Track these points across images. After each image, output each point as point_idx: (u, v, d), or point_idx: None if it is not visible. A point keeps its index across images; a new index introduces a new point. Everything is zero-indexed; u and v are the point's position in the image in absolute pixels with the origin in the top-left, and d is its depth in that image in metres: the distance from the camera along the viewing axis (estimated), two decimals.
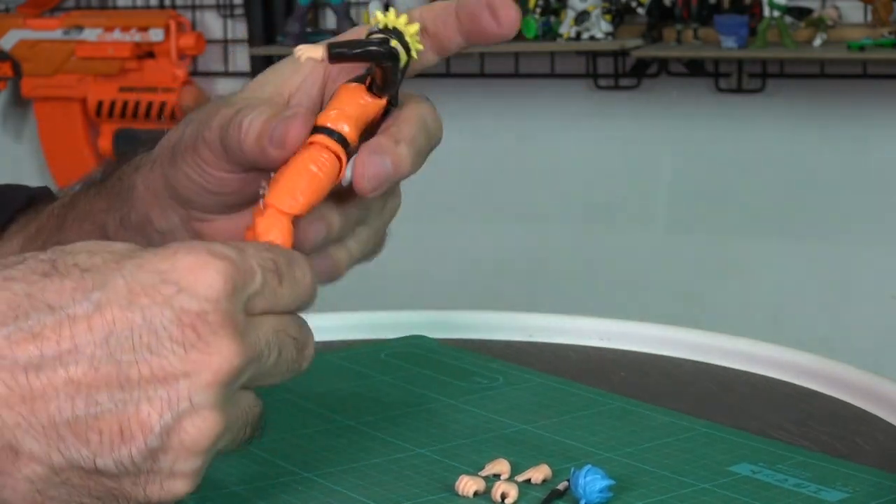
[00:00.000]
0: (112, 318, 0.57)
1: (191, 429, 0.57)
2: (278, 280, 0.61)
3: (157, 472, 0.57)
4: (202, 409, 0.57)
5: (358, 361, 0.87)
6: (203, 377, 0.57)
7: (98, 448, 0.56)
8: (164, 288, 0.58)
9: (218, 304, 0.58)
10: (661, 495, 0.64)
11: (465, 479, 0.65)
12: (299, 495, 0.65)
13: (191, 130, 0.73)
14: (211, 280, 0.58)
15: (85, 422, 0.56)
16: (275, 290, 0.61)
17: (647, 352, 0.90)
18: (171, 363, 0.57)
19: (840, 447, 0.72)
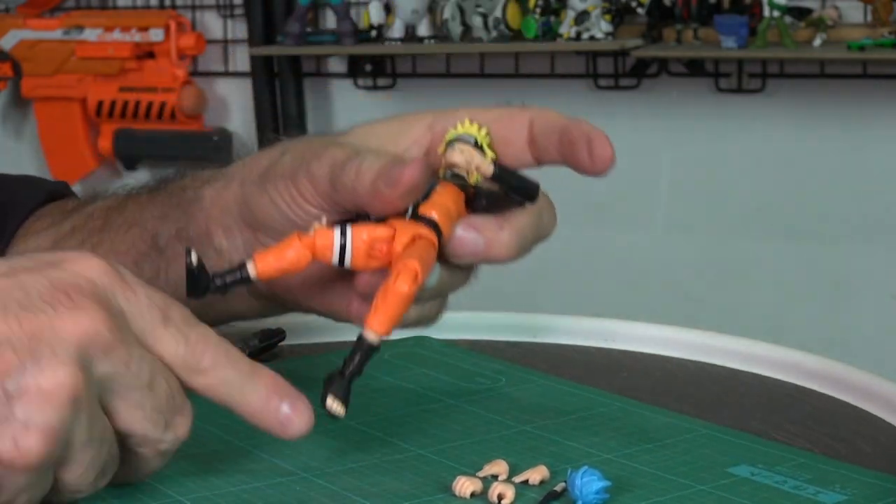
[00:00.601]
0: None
1: (49, 376, 0.57)
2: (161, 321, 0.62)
3: (11, 420, 0.57)
4: (63, 362, 0.57)
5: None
6: (68, 330, 0.58)
7: None
8: (44, 266, 0.60)
9: (93, 283, 0.60)
10: (659, 497, 0.64)
11: (461, 480, 0.65)
12: (299, 495, 0.65)
13: (290, 160, 0.73)
14: (94, 266, 0.60)
15: None
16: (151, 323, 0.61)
17: (649, 352, 0.90)
18: (38, 318, 0.58)
19: (840, 448, 0.72)
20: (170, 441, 0.63)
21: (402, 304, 0.65)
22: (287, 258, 0.67)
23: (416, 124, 0.75)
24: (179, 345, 0.62)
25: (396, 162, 0.68)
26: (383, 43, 2.63)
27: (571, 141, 0.72)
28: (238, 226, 0.75)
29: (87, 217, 0.84)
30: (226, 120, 2.99)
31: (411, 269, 0.65)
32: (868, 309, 2.48)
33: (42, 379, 0.57)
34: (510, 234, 0.70)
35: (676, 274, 2.61)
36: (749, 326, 2.45)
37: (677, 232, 2.61)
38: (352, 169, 0.69)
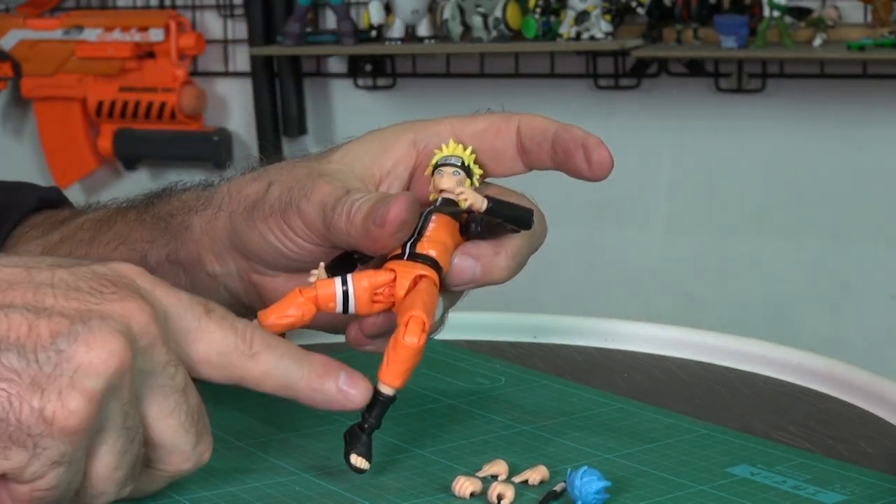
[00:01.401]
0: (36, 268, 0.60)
1: (100, 341, 0.57)
2: None
3: (58, 377, 0.57)
4: (112, 330, 0.57)
5: (359, 362, 0.87)
6: (116, 309, 0.58)
7: (4, 337, 0.57)
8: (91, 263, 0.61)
9: (135, 282, 0.61)
10: (658, 497, 0.64)
11: (461, 480, 0.65)
12: (298, 495, 0.65)
13: (278, 195, 0.73)
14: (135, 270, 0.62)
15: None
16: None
17: (649, 352, 0.90)
18: (85, 298, 0.59)
19: (841, 448, 0.72)
20: (194, 461, 0.62)
21: (414, 357, 0.66)
22: (292, 315, 0.67)
23: (398, 142, 0.75)
24: (228, 333, 0.62)
25: (384, 200, 0.68)
26: (383, 43, 2.63)
27: (566, 150, 0.72)
28: (230, 254, 0.76)
29: (77, 228, 0.84)
30: (226, 120, 2.99)
31: (418, 322, 0.65)
32: (868, 309, 2.48)
33: (93, 342, 0.57)
34: (506, 258, 0.70)
35: (676, 274, 2.61)
36: (749, 326, 2.45)
37: (677, 232, 2.61)
38: (343, 212, 0.69)
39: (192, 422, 0.61)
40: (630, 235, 2.65)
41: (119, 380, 0.57)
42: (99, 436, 0.58)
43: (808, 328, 2.50)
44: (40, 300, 0.58)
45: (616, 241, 2.66)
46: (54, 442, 0.57)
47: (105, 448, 0.59)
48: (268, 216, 0.73)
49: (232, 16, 2.94)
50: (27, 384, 0.56)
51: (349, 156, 0.75)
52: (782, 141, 2.50)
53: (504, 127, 0.74)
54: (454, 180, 0.70)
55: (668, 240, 2.62)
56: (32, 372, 0.56)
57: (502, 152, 0.74)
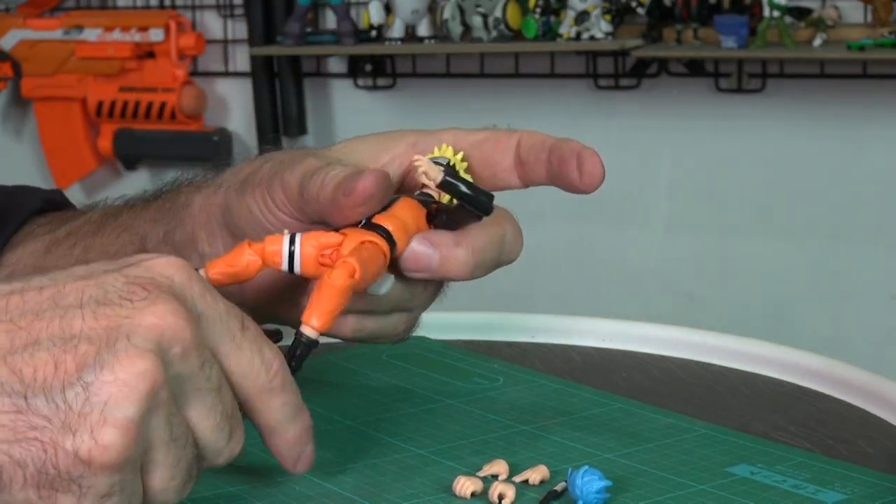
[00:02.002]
0: (64, 286, 0.58)
1: (127, 366, 0.55)
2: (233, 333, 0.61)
3: (89, 414, 0.55)
4: (141, 351, 0.56)
5: (358, 362, 0.87)
6: (145, 320, 0.57)
7: (31, 382, 0.55)
8: (124, 266, 0.59)
9: (171, 280, 0.59)
10: (659, 496, 0.64)
11: (462, 480, 0.65)
12: (298, 495, 0.66)
13: (269, 167, 0.74)
14: (174, 265, 0.59)
15: (21, 357, 0.56)
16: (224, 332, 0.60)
17: (648, 352, 0.90)
18: (115, 311, 0.57)
19: (841, 448, 0.72)
20: (227, 456, 0.61)
21: (337, 298, 0.65)
22: (237, 264, 0.67)
23: (400, 142, 0.75)
24: (255, 359, 0.61)
25: (357, 172, 0.68)
26: (383, 43, 2.63)
27: (561, 158, 0.72)
28: (220, 231, 0.76)
29: (84, 222, 0.84)
30: (226, 120, 2.99)
31: (347, 266, 0.65)
32: (868, 309, 2.48)
33: (119, 369, 0.56)
34: (466, 252, 0.69)
35: (676, 274, 2.61)
36: (749, 326, 2.45)
37: (677, 232, 2.61)
38: (318, 179, 0.70)
39: (226, 419, 0.60)
40: (630, 235, 2.65)
41: (152, 400, 0.56)
42: (148, 454, 0.57)
43: (808, 328, 2.50)
44: (67, 327, 0.57)
45: (616, 240, 2.66)
46: (97, 479, 0.56)
47: (157, 463, 0.58)
48: (255, 188, 0.73)
49: (232, 16, 2.94)
50: (58, 428, 0.55)
51: (347, 148, 0.75)
52: (782, 141, 2.50)
53: (504, 139, 0.74)
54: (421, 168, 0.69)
55: (668, 240, 2.62)
56: (62, 414, 0.55)
57: (499, 163, 0.74)
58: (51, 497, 0.56)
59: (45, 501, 0.56)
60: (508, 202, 0.73)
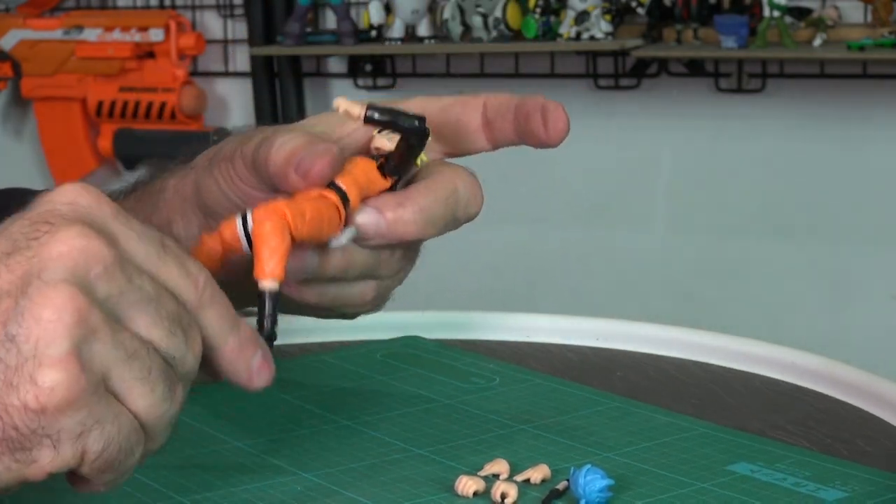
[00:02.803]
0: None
1: (44, 306, 0.54)
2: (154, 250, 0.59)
3: (23, 363, 0.54)
4: (52, 284, 0.55)
5: (354, 362, 0.87)
6: (52, 252, 0.55)
7: None
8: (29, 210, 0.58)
9: (76, 205, 0.57)
10: (660, 495, 0.64)
11: (464, 479, 0.65)
12: (298, 495, 0.65)
13: (233, 142, 0.74)
14: (78, 190, 0.58)
15: None
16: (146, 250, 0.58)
17: (644, 352, 0.90)
18: (24, 256, 0.56)
19: (839, 447, 0.72)
20: (192, 359, 0.59)
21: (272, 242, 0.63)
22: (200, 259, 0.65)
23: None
24: (182, 274, 0.60)
25: (310, 147, 0.68)
26: (383, 43, 2.63)
27: (527, 113, 0.72)
28: (193, 212, 0.75)
29: None
30: (226, 120, 2.99)
31: (273, 209, 0.64)
32: (868, 309, 2.48)
33: (38, 310, 0.54)
34: (413, 212, 0.69)
35: (676, 274, 2.61)
36: (749, 326, 2.45)
37: (677, 232, 2.61)
38: (267, 146, 0.69)
39: (176, 324, 0.58)
40: (629, 235, 2.65)
41: (82, 327, 0.55)
42: (112, 377, 0.56)
43: (808, 328, 2.50)
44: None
45: (615, 241, 2.66)
46: (60, 422, 0.55)
47: (127, 382, 0.56)
48: (221, 162, 0.73)
49: (232, 16, 2.94)
50: (1, 388, 0.54)
51: (315, 118, 0.75)
52: (782, 141, 2.50)
53: (471, 101, 0.74)
54: (384, 139, 0.69)
55: (668, 240, 2.62)
56: (1, 374, 0.54)
57: (466, 125, 0.74)
58: (27, 456, 0.55)
59: (25, 463, 0.55)
60: (508, 202, 0.73)
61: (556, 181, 2.66)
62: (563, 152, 2.90)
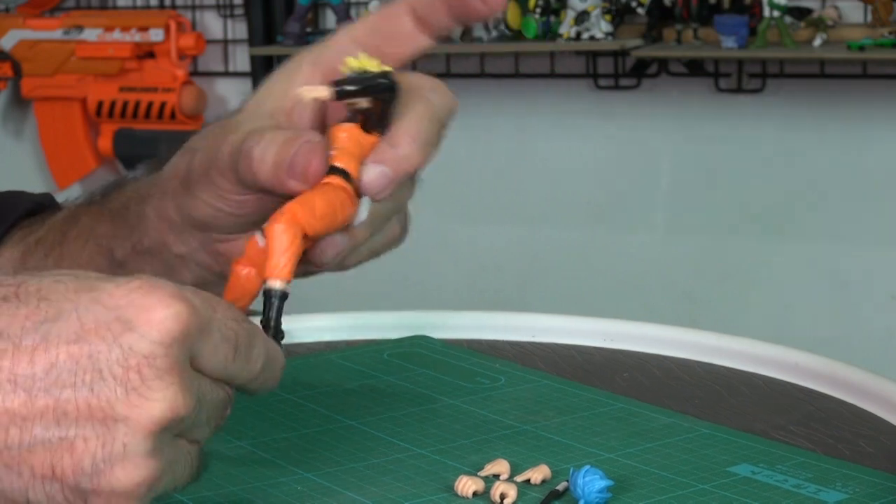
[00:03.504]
0: (57, 353, 0.56)
1: (122, 474, 0.55)
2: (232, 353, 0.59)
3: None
4: (136, 456, 0.56)
5: (360, 361, 0.87)
6: (141, 422, 0.56)
7: (30, 481, 0.55)
8: (116, 325, 0.56)
9: (169, 349, 0.56)
10: (660, 496, 0.64)
11: (464, 480, 0.65)
12: (299, 495, 0.66)
13: (200, 160, 0.74)
14: (166, 322, 0.56)
15: (18, 453, 0.55)
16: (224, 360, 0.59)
17: (649, 352, 0.90)
18: (110, 404, 0.55)
19: (842, 448, 0.72)
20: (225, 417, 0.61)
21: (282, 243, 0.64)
22: (240, 288, 0.67)
23: (300, 67, 0.74)
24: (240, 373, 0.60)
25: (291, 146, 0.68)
26: None
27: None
28: (189, 232, 0.76)
29: (49, 229, 0.84)
30: None
31: (288, 212, 0.65)
32: (868, 309, 2.48)
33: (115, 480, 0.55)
34: (408, 145, 0.68)
35: (676, 274, 2.61)
36: (749, 326, 2.45)
37: (677, 232, 2.61)
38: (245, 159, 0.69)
39: None
40: (630, 235, 2.65)
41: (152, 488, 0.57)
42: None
43: (808, 328, 2.50)
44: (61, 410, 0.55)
45: (616, 241, 2.66)
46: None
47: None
48: (199, 182, 0.73)
49: (232, 16, 2.94)
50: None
51: (258, 97, 0.75)
52: (782, 141, 2.50)
53: (394, 9, 0.74)
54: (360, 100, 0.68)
55: (668, 240, 2.62)
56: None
57: (400, 32, 0.73)
58: None
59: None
60: (508, 202, 0.73)
61: (555, 181, 2.66)
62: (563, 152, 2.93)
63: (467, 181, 2.67)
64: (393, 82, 0.68)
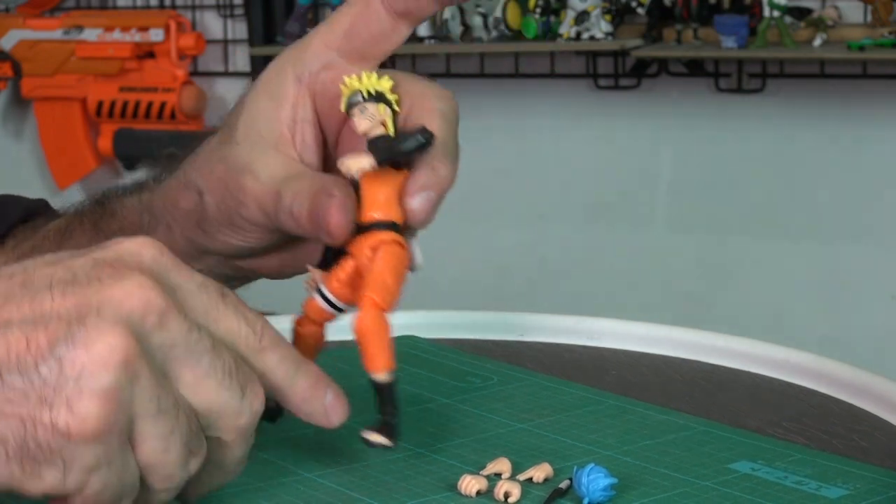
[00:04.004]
0: (33, 272, 0.58)
1: (96, 339, 0.56)
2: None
3: (63, 386, 0.55)
4: (110, 325, 0.56)
5: (352, 362, 0.87)
6: (113, 295, 0.57)
7: (5, 360, 0.56)
8: (91, 251, 0.59)
9: (140, 257, 0.59)
10: (663, 493, 0.64)
11: (467, 479, 0.65)
12: (299, 495, 0.65)
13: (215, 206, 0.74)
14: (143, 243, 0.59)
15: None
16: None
17: (639, 350, 0.90)
18: (83, 290, 0.57)
19: (838, 446, 0.72)
20: (248, 413, 0.60)
21: (375, 337, 0.66)
22: (310, 347, 0.69)
23: (284, 85, 0.74)
24: (241, 322, 0.61)
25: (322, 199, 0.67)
26: None
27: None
28: (203, 257, 0.76)
29: (43, 238, 0.84)
30: None
31: (368, 302, 0.65)
32: (868, 309, 2.48)
33: (91, 342, 0.56)
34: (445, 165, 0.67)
35: (676, 273, 2.61)
36: (749, 326, 2.45)
37: (677, 231, 2.62)
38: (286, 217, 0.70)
39: (230, 376, 0.59)
40: (630, 235, 2.65)
41: (127, 370, 0.56)
42: (135, 426, 0.57)
43: (808, 328, 2.50)
44: (38, 308, 0.57)
45: (615, 240, 2.66)
46: (80, 450, 0.55)
47: (147, 436, 0.57)
48: (219, 228, 0.74)
49: (232, 16, 2.94)
50: (34, 402, 0.55)
51: (250, 127, 0.74)
52: (782, 141, 2.51)
53: (366, 11, 0.72)
54: (364, 120, 0.67)
55: (668, 239, 2.62)
56: (38, 388, 0.55)
57: (379, 31, 0.72)
58: (35, 471, 0.56)
59: (30, 476, 0.56)
60: (509, 202, 0.73)
61: (556, 181, 2.67)
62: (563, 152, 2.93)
63: (466, 181, 2.66)
64: (429, 139, 0.67)
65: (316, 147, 0.74)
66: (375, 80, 0.68)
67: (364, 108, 0.67)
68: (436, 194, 0.67)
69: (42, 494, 0.57)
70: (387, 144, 0.66)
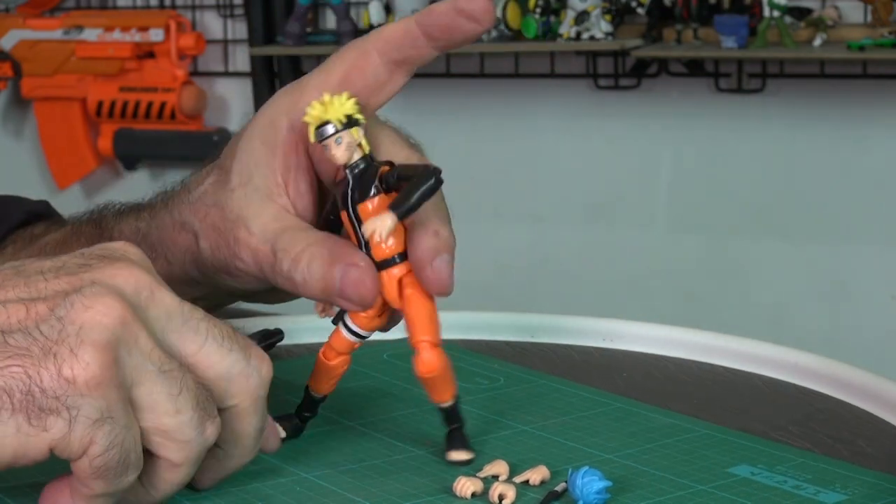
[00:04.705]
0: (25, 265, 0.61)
1: (96, 303, 0.58)
2: None
3: (66, 338, 0.57)
4: (104, 290, 0.58)
5: (359, 362, 0.87)
6: (106, 273, 0.59)
7: (6, 324, 0.58)
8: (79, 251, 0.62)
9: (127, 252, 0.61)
10: (659, 497, 0.64)
11: (462, 480, 0.65)
12: (299, 495, 0.66)
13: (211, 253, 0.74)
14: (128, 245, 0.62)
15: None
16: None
17: (648, 352, 0.90)
18: (76, 273, 0.60)
19: (841, 448, 0.72)
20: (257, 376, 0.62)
21: (444, 371, 0.68)
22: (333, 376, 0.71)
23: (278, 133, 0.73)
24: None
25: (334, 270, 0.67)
26: None
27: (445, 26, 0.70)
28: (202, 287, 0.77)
29: (41, 249, 0.85)
30: (226, 120, 2.99)
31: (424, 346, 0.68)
32: (868, 309, 2.48)
33: (88, 305, 0.58)
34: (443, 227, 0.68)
35: (676, 274, 2.61)
36: (749, 326, 2.45)
37: (678, 231, 2.62)
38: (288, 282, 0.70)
39: (231, 340, 0.61)
40: (630, 235, 2.65)
41: (125, 330, 0.58)
42: (137, 388, 0.58)
43: (808, 328, 2.50)
44: (33, 288, 0.59)
45: (616, 241, 2.66)
46: (84, 399, 0.57)
47: (152, 396, 0.58)
48: (216, 272, 0.75)
49: (232, 16, 2.94)
50: (38, 354, 0.57)
51: (244, 174, 0.73)
52: (782, 141, 2.51)
53: (362, 61, 0.72)
54: (342, 150, 0.66)
55: (668, 240, 2.62)
56: (41, 342, 0.57)
57: (374, 82, 0.72)
58: (41, 420, 0.57)
59: (37, 426, 0.57)
60: (509, 202, 0.73)
61: (556, 181, 2.66)
62: (563, 152, 2.93)
63: (467, 181, 2.67)
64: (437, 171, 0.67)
65: (310, 194, 0.73)
66: (340, 103, 0.67)
67: (339, 138, 0.66)
68: (449, 255, 0.68)
69: (48, 451, 0.57)
70: (404, 199, 0.65)
